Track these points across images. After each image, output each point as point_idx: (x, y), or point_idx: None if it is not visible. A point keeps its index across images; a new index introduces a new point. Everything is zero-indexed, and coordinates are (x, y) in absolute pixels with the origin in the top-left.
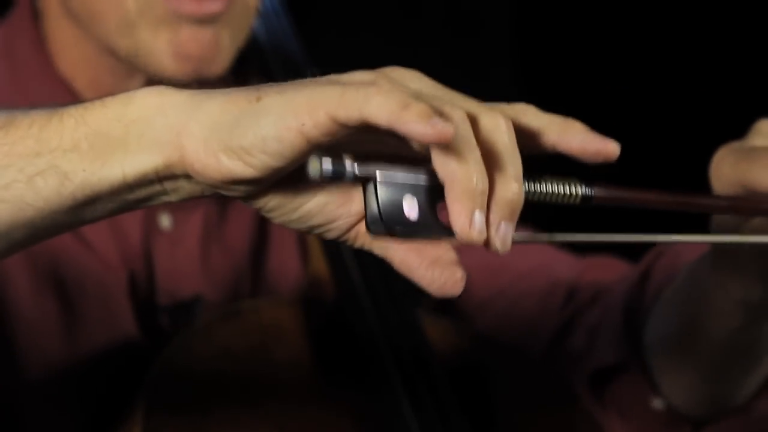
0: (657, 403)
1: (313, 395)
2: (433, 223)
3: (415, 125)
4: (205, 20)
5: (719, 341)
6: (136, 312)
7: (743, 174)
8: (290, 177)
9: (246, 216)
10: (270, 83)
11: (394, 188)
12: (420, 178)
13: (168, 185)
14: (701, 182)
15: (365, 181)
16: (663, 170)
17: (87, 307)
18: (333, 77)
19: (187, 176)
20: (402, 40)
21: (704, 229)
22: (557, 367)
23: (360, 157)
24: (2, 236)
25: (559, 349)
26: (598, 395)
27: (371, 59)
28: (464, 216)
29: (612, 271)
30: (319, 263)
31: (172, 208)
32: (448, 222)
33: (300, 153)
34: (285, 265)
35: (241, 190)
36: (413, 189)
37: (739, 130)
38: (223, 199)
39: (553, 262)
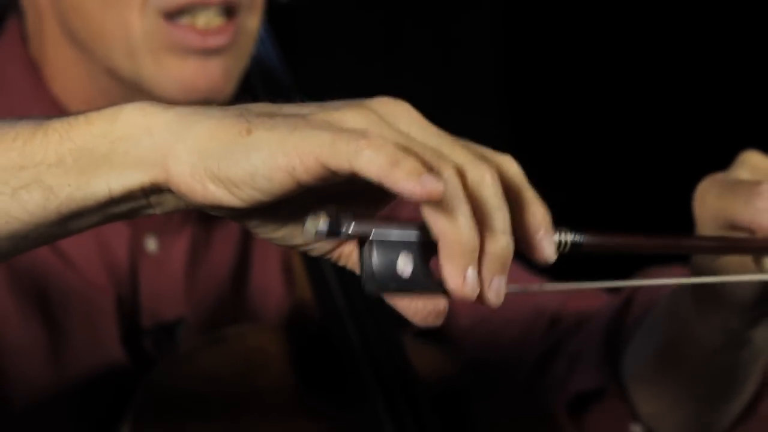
0: (636, 429)
1: (297, 420)
2: (427, 279)
3: (405, 183)
4: (211, 52)
5: (698, 366)
6: (121, 334)
7: (726, 208)
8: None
9: (230, 240)
10: (258, 108)
11: (389, 247)
12: (413, 235)
13: (153, 200)
14: (685, 213)
15: (361, 240)
16: (648, 202)
17: (73, 330)
18: (326, 116)
19: (173, 192)
20: (386, 62)
21: (685, 262)
22: (539, 394)
23: (356, 215)
24: None
25: (542, 375)
26: (577, 422)
27: (356, 83)
28: (457, 274)
29: (594, 301)
30: (304, 288)
31: (159, 231)
32: (441, 276)
33: (288, 192)
34: (268, 289)
35: (225, 212)
36: (407, 246)
37: (723, 159)
38: (208, 222)
39: None
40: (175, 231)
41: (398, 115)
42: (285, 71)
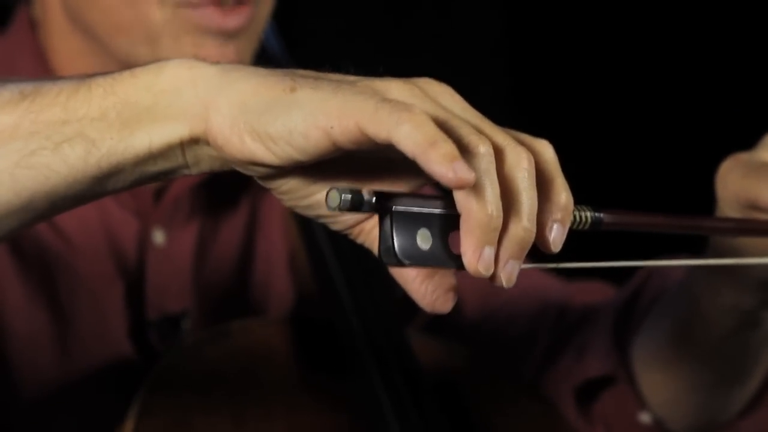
0: (644, 417)
1: (301, 413)
2: (444, 254)
3: (438, 166)
4: (229, 35)
5: (708, 349)
6: (128, 325)
7: (749, 190)
8: (309, 165)
9: (236, 234)
10: (304, 71)
11: (409, 220)
12: (435, 209)
13: (190, 158)
14: (698, 195)
15: (381, 212)
16: (662, 182)
17: (80, 320)
18: (371, 84)
19: (210, 147)
20: (387, 44)
21: (703, 244)
22: (546, 386)
23: (378, 191)
24: (24, 206)
25: (549, 368)
26: (585, 411)
27: (357, 58)
28: (474, 250)
29: (601, 295)
30: (308, 281)
31: (166, 224)
32: (459, 252)
33: (324, 152)
34: (273, 282)
35: (259, 171)
36: (428, 219)
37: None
38: (215, 216)
39: (544, 285)
40: (183, 224)
41: (442, 95)
42: (285, 56)
